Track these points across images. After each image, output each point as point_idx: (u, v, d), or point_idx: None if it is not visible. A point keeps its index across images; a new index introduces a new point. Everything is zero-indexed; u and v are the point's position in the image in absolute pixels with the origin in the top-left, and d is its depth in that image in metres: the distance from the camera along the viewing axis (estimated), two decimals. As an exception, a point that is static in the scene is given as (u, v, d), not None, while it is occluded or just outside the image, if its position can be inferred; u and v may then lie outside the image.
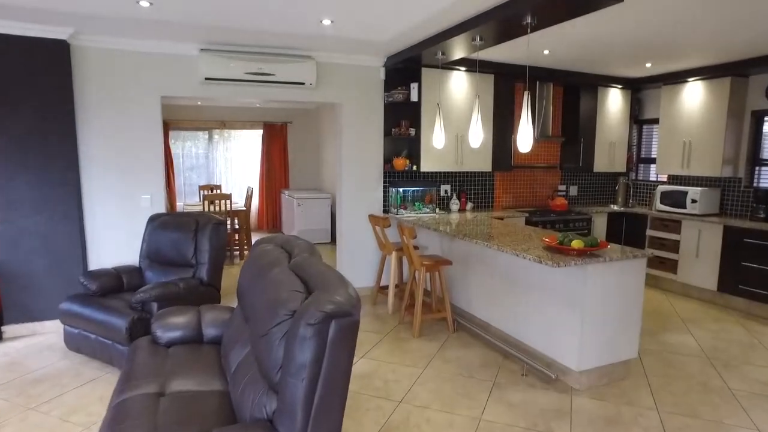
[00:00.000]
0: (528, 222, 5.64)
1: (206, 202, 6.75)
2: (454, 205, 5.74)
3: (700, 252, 5.38)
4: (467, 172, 5.94)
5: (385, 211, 5.53)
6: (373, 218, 4.92)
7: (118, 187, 4.53)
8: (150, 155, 4.59)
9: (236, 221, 7.29)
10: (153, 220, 4.24)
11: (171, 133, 9.19)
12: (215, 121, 9.36)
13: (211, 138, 9.51)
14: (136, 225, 4.58)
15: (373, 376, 3.54)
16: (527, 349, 3.76)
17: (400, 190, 5.42)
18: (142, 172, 4.58)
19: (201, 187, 8.56)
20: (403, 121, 5.38)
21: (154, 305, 3.47)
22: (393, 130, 5.37)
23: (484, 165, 5.65)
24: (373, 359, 3.82)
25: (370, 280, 5.58)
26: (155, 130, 4.57)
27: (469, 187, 5.99)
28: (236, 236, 7.59)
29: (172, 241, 4.02)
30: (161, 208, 4.70)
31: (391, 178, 5.51)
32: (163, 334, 2.80)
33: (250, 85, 4.69)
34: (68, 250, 4.27)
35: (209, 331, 2.88)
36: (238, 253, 7.58)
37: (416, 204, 5.49)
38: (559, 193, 6.58)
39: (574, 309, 3.31)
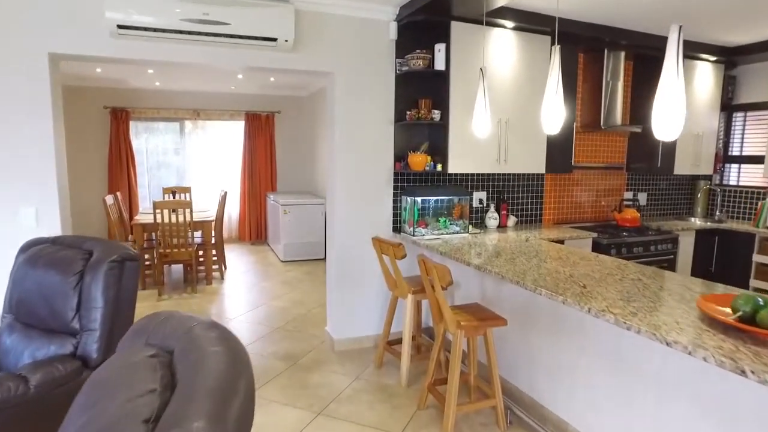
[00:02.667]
0: (596, 246, 4.00)
1: (157, 212, 5.12)
2: (492, 219, 4.11)
3: None
4: (510, 175, 4.30)
5: (397, 229, 3.90)
6: (379, 243, 3.29)
7: (-18, 196, 2.92)
8: (34, 149, 2.96)
9: (201, 235, 5.67)
10: (24, 250, 2.62)
11: (132, 124, 7.57)
12: (187, 109, 7.74)
13: (182, 130, 7.89)
14: (6, 255, 2.96)
15: None
16: (650, 487, 2.13)
17: (418, 200, 3.78)
18: (21, 174, 2.96)
19: (165, 190, 6.94)
20: (422, 100, 3.74)
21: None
22: (408, 113, 3.74)
23: (535, 165, 4.01)
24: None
25: (374, 327, 3.95)
26: (43, 113, 2.95)
27: (512, 194, 4.36)
28: (200, 255, 5.96)
29: (42, 290, 2.40)
30: (55, 227, 3.08)
31: (406, 182, 3.89)
32: None
33: (190, 40, 3.06)
34: None
35: None
36: (204, 275, 5.95)
37: (441, 220, 3.84)
38: (627, 203, 4.93)
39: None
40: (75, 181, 7.43)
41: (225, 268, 6.47)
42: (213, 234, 5.96)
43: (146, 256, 5.65)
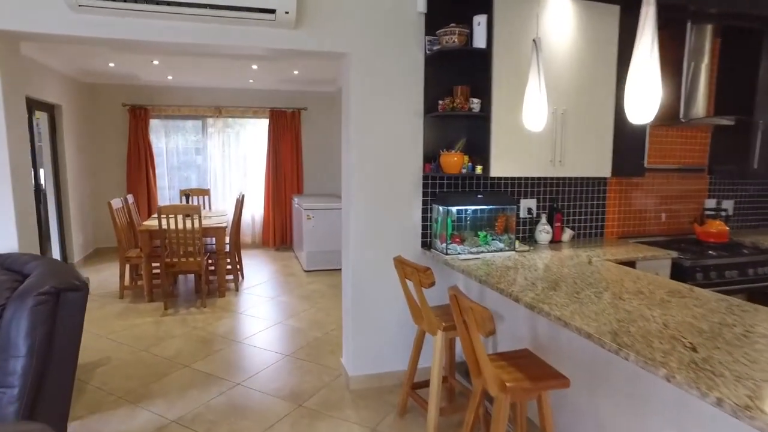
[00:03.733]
0: (676, 268, 3.18)
1: (162, 218, 4.61)
2: (544, 233, 3.36)
3: None
4: (566, 180, 3.55)
5: (426, 245, 3.22)
6: (402, 266, 2.61)
7: None
8: (-19, 145, 2.45)
9: (214, 242, 5.15)
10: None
11: (152, 123, 7.16)
12: (208, 106, 7.28)
13: (204, 129, 7.44)
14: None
15: None
16: None
17: (453, 209, 3.08)
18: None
19: (182, 192, 6.49)
20: (458, 87, 3.04)
21: None
22: (440, 102, 3.05)
23: (599, 166, 3.23)
24: None
25: (397, 361, 3.28)
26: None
27: (567, 202, 3.60)
28: (210, 263, 5.44)
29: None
30: (10, 242, 2.56)
31: (437, 187, 3.20)
32: None
33: (169, 15, 2.47)
34: None
35: None
36: (217, 286, 5.42)
37: (480, 234, 3.13)
38: (710, 213, 4.07)
39: None
40: (96, 183, 7.09)
41: (242, 277, 5.94)
42: (227, 241, 5.44)
43: (155, 265, 5.17)
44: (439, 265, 3.25)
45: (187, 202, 5.60)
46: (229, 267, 5.50)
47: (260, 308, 4.87)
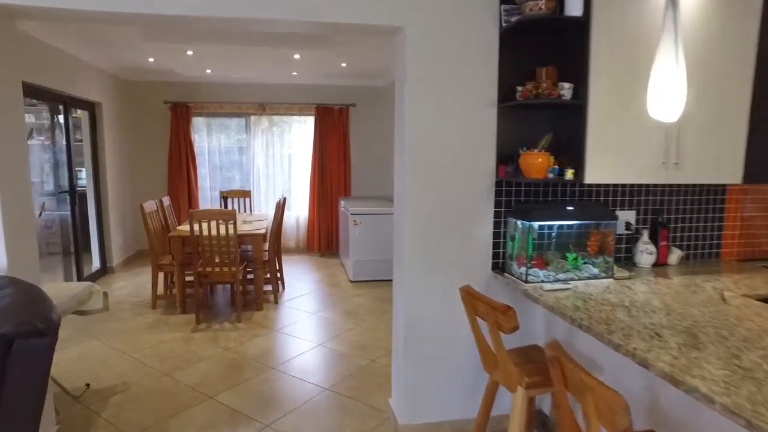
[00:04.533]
0: (833, 303, 2.40)
1: (195, 223, 4.19)
2: (646, 254, 2.65)
3: None
4: (676, 188, 2.82)
5: (498, 267, 2.59)
6: (472, 300, 2.00)
7: None
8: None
9: (252, 250, 4.70)
10: None
11: (194, 121, 6.85)
12: (251, 103, 6.89)
13: (247, 127, 7.06)
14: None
15: None
16: None
17: (535, 225, 2.42)
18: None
19: (221, 194, 6.11)
20: (543, 70, 2.40)
21: None
22: (520, 89, 2.42)
23: (726, 170, 2.49)
24: None
25: (459, 409, 2.67)
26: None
27: (673, 215, 2.86)
28: (246, 271, 4.99)
29: None
30: (-4, 259, 2.14)
31: (514, 195, 2.56)
32: None
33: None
34: None
35: None
36: (255, 298, 4.97)
37: (569, 257, 2.46)
38: None
39: None
40: (136, 183, 6.85)
41: (282, 287, 5.47)
42: (266, 248, 4.98)
43: (188, 273, 4.78)
44: (516, 295, 2.61)
45: (225, 205, 5.19)
46: (268, 276, 5.04)
47: (300, 325, 4.37)
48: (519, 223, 2.41)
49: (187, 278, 4.69)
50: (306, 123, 7.15)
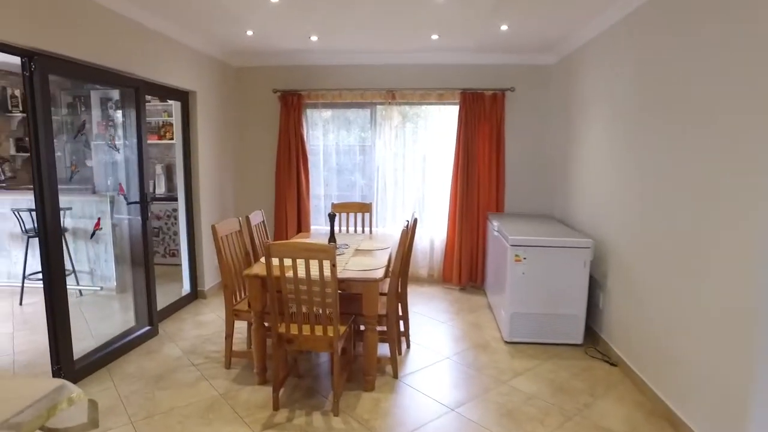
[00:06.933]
0: None
1: (273, 260, 2.69)
2: None
3: None
4: None
5: None
6: None
7: None
8: None
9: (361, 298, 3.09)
10: None
11: (307, 113, 5.52)
12: (377, 90, 5.35)
13: (372, 120, 5.55)
14: None
15: None
16: None
17: None
18: None
19: (334, 207, 4.65)
20: None
21: None
22: None
23: None
24: None
25: None
26: None
27: None
28: (354, 331, 3.40)
29: None
30: None
31: None
32: None
33: None
34: None
35: None
36: (362, 368, 3.37)
37: None
38: None
39: None
40: (236, 189, 5.73)
41: (407, 346, 3.81)
42: (383, 290, 3.36)
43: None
44: None
45: (332, 224, 3.68)
46: (382, 334, 3.40)
47: (426, 427, 2.66)
48: None
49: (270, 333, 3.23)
50: (447, 114, 5.44)
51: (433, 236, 5.60)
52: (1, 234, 5.29)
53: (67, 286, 3.14)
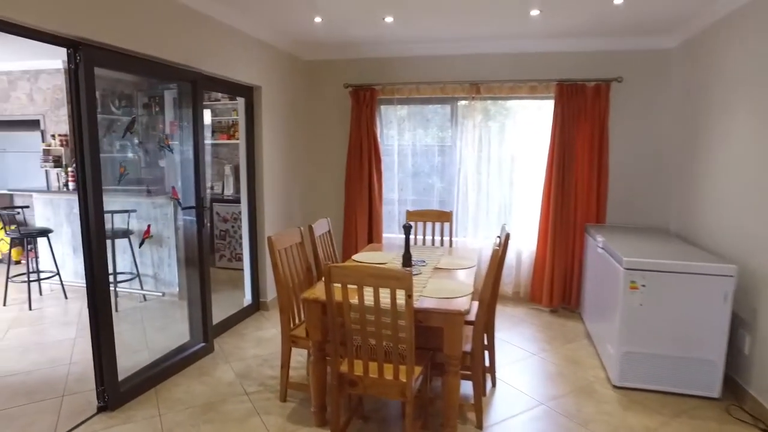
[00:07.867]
0: None
1: (334, 285, 2.19)
2: None
3: None
4: None
5: None
6: None
7: None
8: None
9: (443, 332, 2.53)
10: None
11: (381, 110, 5.03)
12: (459, 83, 4.75)
13: (453, 116, 4.96)
14: None
15: None
16: None
17: None
18: None
19: (409, 215, 4.12)
20: None
21: None
22: None
23: None
24: None
25: None
26: None
27: None
28: (430, 372, 2.83)
29: None
30: None
31: None
32: None
33: None
34: None
35: None
36: (440, 413, 2.80)
37: None
38: None
39: None
40: (312, 195, 5.35)
41: (492, 384, 3.19)
42: (470, 317, 2.78)
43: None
44: None
45: (407, 237, 3.14)
46: (466, 373, 2.81)
47: None
48: None
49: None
50: (540, 109, 4.74)
51: (521, 249, 4.91)
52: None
53: (131, 290, 2.82)
